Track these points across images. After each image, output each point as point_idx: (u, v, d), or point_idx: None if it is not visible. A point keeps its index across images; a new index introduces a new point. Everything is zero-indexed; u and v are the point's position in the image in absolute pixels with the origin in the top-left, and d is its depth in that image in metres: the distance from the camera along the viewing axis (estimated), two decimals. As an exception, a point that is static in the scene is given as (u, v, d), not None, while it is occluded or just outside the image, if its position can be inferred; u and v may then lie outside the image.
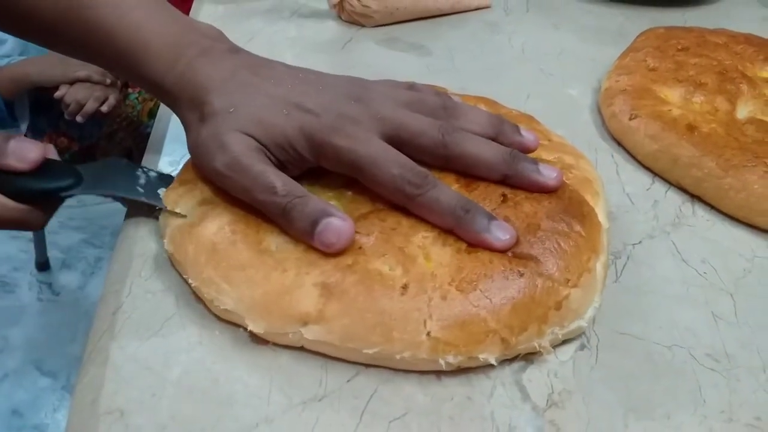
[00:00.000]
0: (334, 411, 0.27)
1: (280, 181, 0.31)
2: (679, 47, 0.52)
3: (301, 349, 0.29)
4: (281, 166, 0.33)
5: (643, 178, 0.44)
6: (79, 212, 1.75)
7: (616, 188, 0.42)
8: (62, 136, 1.25)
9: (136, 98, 1.28)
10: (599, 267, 0.32)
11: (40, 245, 1.59)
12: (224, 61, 0.35)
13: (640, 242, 0.38)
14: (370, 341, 0.28)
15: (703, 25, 0.58)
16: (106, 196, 0.35)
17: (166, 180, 0.36)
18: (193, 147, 0.34)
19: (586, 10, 0.71)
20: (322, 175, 0.34)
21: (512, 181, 0.34)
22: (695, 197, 0.42)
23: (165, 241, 0.33)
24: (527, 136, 0.37)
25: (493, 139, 0.35)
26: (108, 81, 1.17)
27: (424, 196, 0.31)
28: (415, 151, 0.33)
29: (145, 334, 0.30)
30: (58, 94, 1.13)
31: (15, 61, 1.15)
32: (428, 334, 0.28)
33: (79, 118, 1.14)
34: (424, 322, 0.28)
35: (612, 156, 0.46)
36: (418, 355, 0.28)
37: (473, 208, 0.31)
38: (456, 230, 0.31)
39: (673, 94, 0.47)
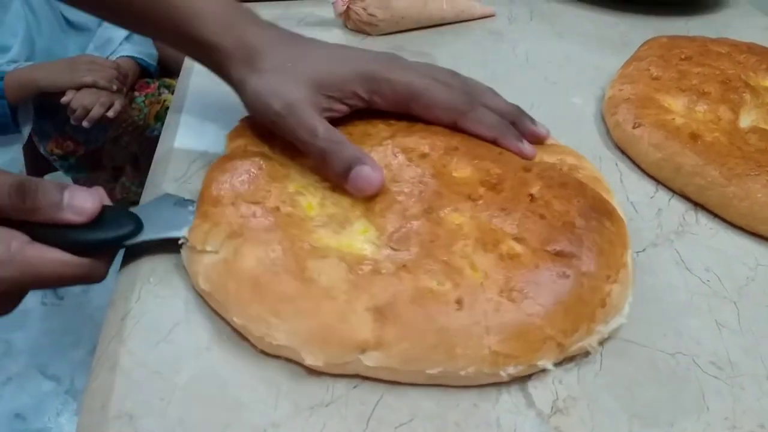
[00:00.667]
0: (341, 417, 0.27)
1: (322, 126, 0.36)
2: (682, 56, 0.52)
3: (357, 376, 0.29)
4: (335, 107, 0.38)
5: (647, 186, 0.44)
6: (84, 217, 1.75)
7: (620, 196, 0.43)
8: (68, 140, 1.25)
9: (143, 101, 1.29)
10: (629, 261, 0.33)
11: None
12: (272, 30, 0.40)
13: (644, 250, 0.38)
14: (432, 361, 0.28)
15: (706, 34, 0.58)
16: (166, 239, 0.34)
17: None
18: (251, 94, 0.38)
19: (589, 18, 0.72)
20: (351, 201, 0.35)
21: (517, 128, 0.41)
22: (699, 205, 0.42)
23: (199, 280, 0.31)
24: (540, 127, 0.42)
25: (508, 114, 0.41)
26: (114, 87, 1.18)
27: (475, 112, 0.39)
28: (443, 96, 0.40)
29: (154, 339, 0.30)
30: (64, 99, 1.13)
31: (22, 67, 1.16)
32: (489, 347, 0.28)
33: (85, 123, 1.15)
34: (484, 335, 0.28)
35: (616, 164, 0.46)
36: (481, 369, 0.28)
37: (510, 127, 0.40)
38: (498, 140, 0.39)
39: (676, 103, 0.48)
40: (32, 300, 1.56)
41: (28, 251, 0.30)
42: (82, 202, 0.31)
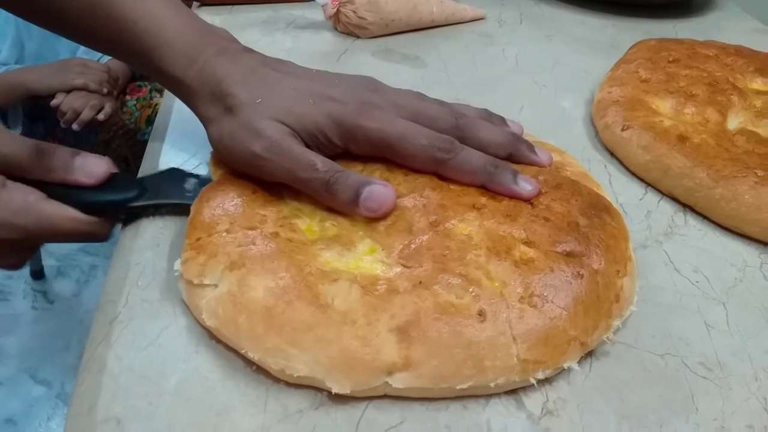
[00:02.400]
0: (331, 420, 0.27)
1: (319, 159, 0.33)
2: (671, 59, 0.53)
3: (384, 397, 0.28)
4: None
5: (636, 188, 0.44)
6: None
7: (610, 198, 0.43)
8: (58, 143, 1.24)
9: (134, 105, 1.28)
10: (632, 253, 0.34)
11: (35, 253, 1.59)
12: (242, 59, 0.37)
13: (633, 251, 0.38)
14: (463, 376, 0.27)
15: (694, 36, 0.59)
16: (163, 204, 0.37)
17: (205, 181, 0.37)
18: (219, 137, 0.35)
19: (578, 21, 0.72)
20: (352, 221, 0.33)
21: (513, 159, 0.37)
22: (687, 207, 0.43)
23: (203, 316, 0.30)
24: (513, 125, 0.41)
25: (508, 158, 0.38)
26: (105, 90, 1.17)
27: (456, 158, 0.35)
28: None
29: (142, 343, 0.30)
30: (54, 102, 1.13)
31: (12, 70, 1.15)
32: (517, 356, 0.28)
33: (75, 126, 1.14)
34: (511, 344, 0.28)
35: (605, 166, 0.46)
36: (511, 378, 0.28)
37: (501, 164, 0.35)
38: (488, 185, 0.35)
39: (664, 105, 0.48)
40: (22, 304, 1.55)
41: (44, 205, 0.33)
42: (93, 166, 0.34)
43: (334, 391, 0.27)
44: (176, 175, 0.38)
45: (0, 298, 1.57)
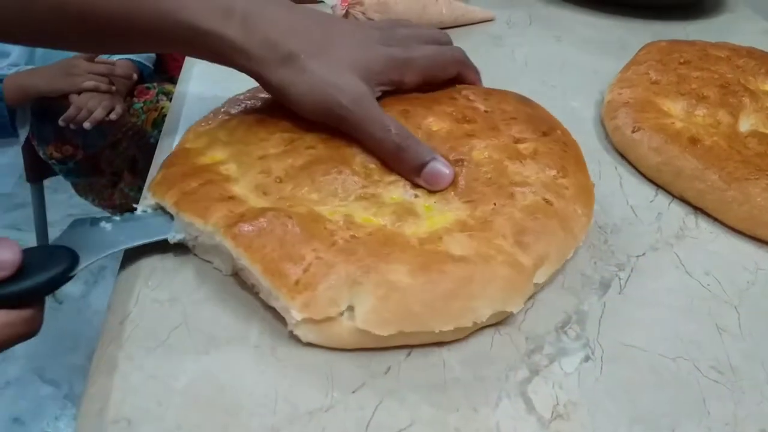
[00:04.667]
0: (340, 421, 0.27)
1: (393, 123, 0.36)
2: (681, 60, 0.52)
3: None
4: (378, 96, 0.38)
5: (647, 190, 0.44)
6: (83, 221, 1.75)
7: (620, 200, 0.43)
8: (67, 144, 1.25)
9: (141, 108, 1.29)
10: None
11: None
12: (273, 7, 0.37)
13: (643, 254, 0.38)
14: (570, 247, 0.35)
15: (705, 38, 0.59)
16: (113, 252, 0.33)
17: (136, 217, 0.35)
18: (291, 88, 0.36)
19: (587, 23, 0.72)
20: (385, 199, 0.35)
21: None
22: (698, 209, 0.42)
23: (372, 331, 0.29)
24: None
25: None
26: (113, 88, 1.18)
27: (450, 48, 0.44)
28: None
29: (152, 344, 0.30)
30: (69, 114, 1.14)
31: (22, 71, 1.16)
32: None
33: (87, 125, 1.15)
34: (577, 209, 0.35)
35: (615, 168, 0.46)
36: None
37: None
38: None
39: (675, 107, 0.48)
40: (31, 304, 1.55)
41: None
42: (2, 255, 0.28)
43: (515, 310, 0.31)
44: (87, 224, 0.33)
45: (9, 298, 1.57)
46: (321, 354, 0.30)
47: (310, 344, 0.30)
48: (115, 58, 1.25)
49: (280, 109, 0.39)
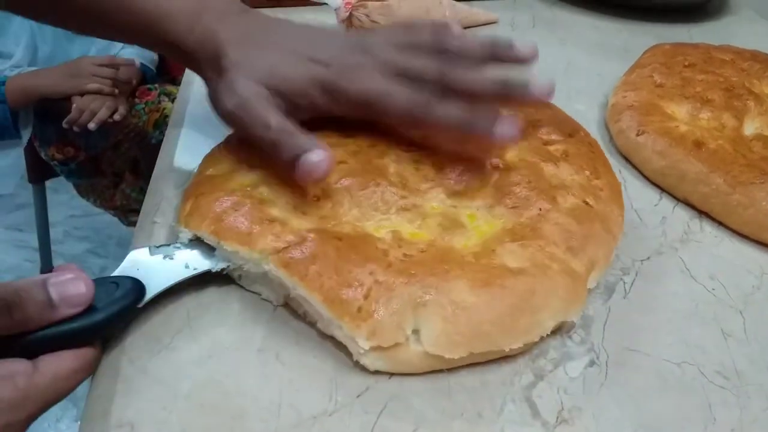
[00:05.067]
0: (344, 426, 0.27)
1: (276, 118, 0.35)
2: (686, 63, 0.52)
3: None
4: (292, 112, 0.36)
5: (651, 194, 0.44)
6: (85, 222, 1.75)
7: (624, 204, 0.42)
8: (69, 146, 1.25)
9: (143, 109, 1.29)
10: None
11: (46, 255, 1.59)
12: (239, 22, 0.39)
13: (648, 258, 0.38)
14: (616, 237, 0.35)
15: (708, 41, 0.58)
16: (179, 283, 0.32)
17: (193, 244, 0.33)
18: (212, 94, 0.38)
19: (592, 25, 0.72)
20: (422, 215, 0.34)
21: (507, 102, 0.38)
22: (703, 213, 0.42)
23: (443, 355, 0.28)
24: (522, 48, 0.38)
25: (490, 59, 0.37)
26: (116, 91, 1.18)
27: (432, 115, 0.35)
28: (417, 88, 0.36)
29: (156, 348, 0.30)
30: (72, 117, 1.15)
31: (25, 72, 1.16)
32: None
33: (92, 125, 1.15)
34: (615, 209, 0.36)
35: (619, 172, 0.46)
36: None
37: (478, 115, 0.35)
38: (469, 135, 0.35)
39: (680, 111, 0.47)
40: (32, 305, 1.55)
41: (38, 380, 0.25)
42: (75, 289, 0.27)
43: (576, 319, 0.31)
44: (150, 252, 0.32)
45: (11, 298, 1.57)
46: (325, 358, 0.30)
47: (314, 349, 0.30)
48: (119, 59, 1.25)
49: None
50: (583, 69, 0.61)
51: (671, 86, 0.49)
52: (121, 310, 0.29)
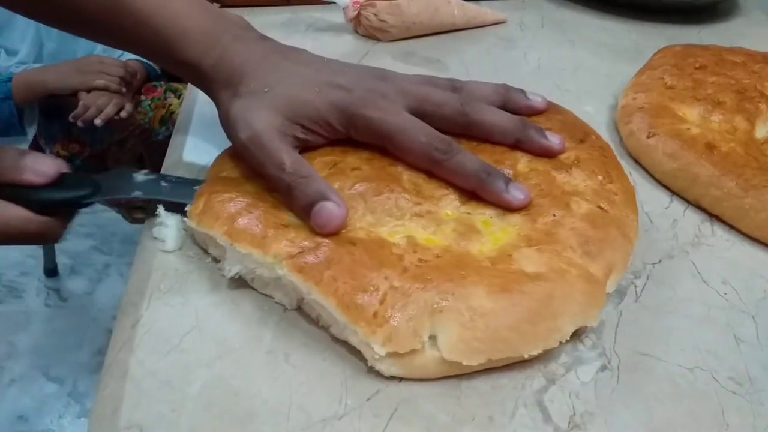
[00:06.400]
0: (354, 429, 0.27)
1: (290, 159, 0.34)
2: (697, 65, 0.52)
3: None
4: (310, 138, 0.36)
5: (662, 196, 0.44)
6: (89, 219, 1.76)
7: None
8: (74, 142, 1.25)
9: (149, 105, 1.29)
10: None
11: (49, 251, 1.60)
12: (256, 47, 0.38)
13: (659, 261, 0.38)
14: (631, 242, 0.35)
15: (718, 43, 0.58)
16: (128, 200, 0.36)
17: (188, 183, 0.37)
18: (224, 119, 0.37)
19: (601, 27, 0.72)
20: (448, 221, 0.34)
21: (522, 146, 0.38)
22: (714, 217, 0.42)
23: (461, 361, 0.28)
24: (534, 98, 0.41)
25: (503, 106, 0.39)
26: (124, 90, 1.18)
27: (450, 161, 0.35)
28: (437, 121, 0.37)
29: (164, 348, 0.30)
30: (78, 112, 1.14)
31: (31, 68, 1.16)
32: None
33: (98, 122, 1.15)
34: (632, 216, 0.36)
35: (630, 174, 0.45)
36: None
37: (494, 172, 0.34)
38: (479, 191, 0.34)
39: (691, 113, 0.47)
40: (36, 302, 1.56)
41: None
42: (42, 165, 0.33)
43: (595, 324, 0.31)
44: (137, 171, 0.38)
45: (13, 295, 1.58)
46: (335, 361, 0.30)
47: (324, 351, 0.30)
48: (125, 58, 1.25)
49: None
50: (592, 70, 0.61)
51: (682, 88, 0.49)
52: (69, 199, 0.35)
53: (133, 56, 1.26)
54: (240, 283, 0.33)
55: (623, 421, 0.28)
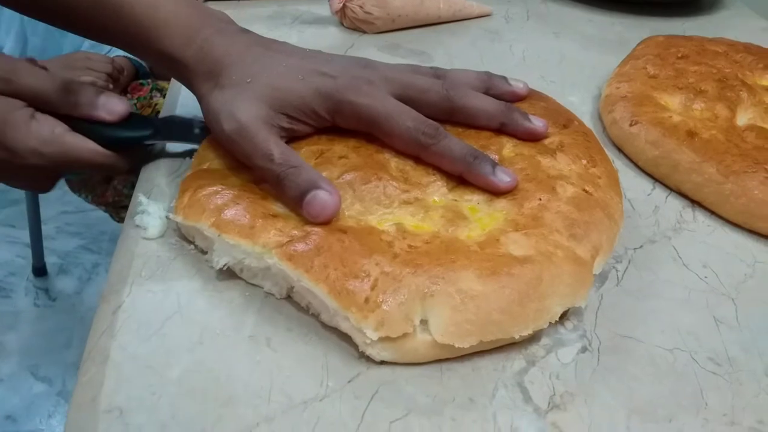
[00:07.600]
0: (335, 410, 0.27)
1: (278, 150, 0.33)
2: (679, 55, 0.52)
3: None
4: (296, 127, 0.36)
5: (644, 183, 0.44)
6: (77, 218, 1.75)
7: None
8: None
9: (135, 104, 1.28)
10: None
11: (38, 250, 1.59)
12: (238, 39, 0.38)
13: (641, 247, 0.38)
14: (615, 228, 0.35)
15: (702, 34, 0.58)
16: (175, 142, 0.42)
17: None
18: (206, 112, 0.37)
19: (586, 18, 0.72)
20: (430, 205, 0.34)
21: (507, 129, 0.38)
22: (696, 203, 0.42)
23: (452, 343, 0.28)
24: (516, 84, 0.42)
25: (485, 92, 0.40)
26: (110, 86, 1.17)
27: (438, 145, 0.35)
28: (422, 106, 0.37)
29: (146, 333, 0.30)
30: None
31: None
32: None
33: None
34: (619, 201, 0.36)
35: (613, 162, 0.46)
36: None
37: (480, 156, 0.35)
38: (465, 175, 0.35)
39: (673, 101, 0.47)
40: (24, 301, 1.55)
41: (68, 137, 0.37)
42: (114, 105, 0.38)
43: (584, 305, 0.31)
44: (186, 119, 0.42)
45: (2, 294, 1.56)
46: (317, 345, 0.30)
47: (306, 335, 0.30)
48: (113, 54, 1.24)
49: None
50: (577, 62, 0.61)
51: (664, 77, 0.49)
52: (134, 137, 0.39)
53: (120, 53, 1.26)
54: (224, 271, 0.33)
55: (603, 402, 0.29)
